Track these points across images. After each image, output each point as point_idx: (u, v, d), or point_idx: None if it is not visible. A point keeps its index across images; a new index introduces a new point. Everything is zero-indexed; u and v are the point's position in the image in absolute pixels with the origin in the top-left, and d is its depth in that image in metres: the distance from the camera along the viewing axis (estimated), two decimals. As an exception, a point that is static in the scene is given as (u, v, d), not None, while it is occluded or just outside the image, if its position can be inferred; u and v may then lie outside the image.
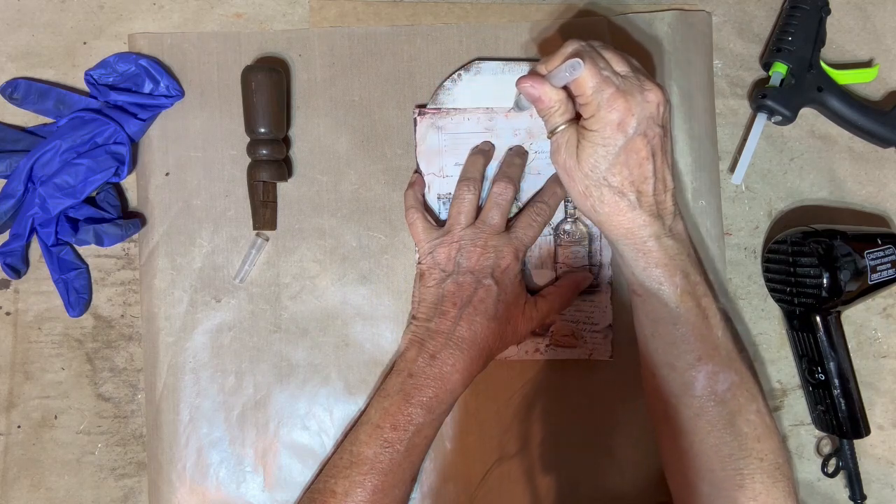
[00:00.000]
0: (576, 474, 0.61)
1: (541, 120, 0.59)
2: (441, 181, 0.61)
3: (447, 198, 0.61)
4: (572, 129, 0.53)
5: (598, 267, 0.61)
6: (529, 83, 0.52)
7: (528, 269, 0.61)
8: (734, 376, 0.52)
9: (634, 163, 0.51)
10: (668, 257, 0.52)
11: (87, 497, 0.60)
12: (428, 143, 0.61)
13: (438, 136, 0.61)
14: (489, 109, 0.61)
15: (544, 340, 0.61)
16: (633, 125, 0.50)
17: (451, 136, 0.61)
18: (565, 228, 0.61)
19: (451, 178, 0.61)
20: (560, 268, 0.61)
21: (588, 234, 0.61)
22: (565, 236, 0.61)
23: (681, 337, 0.53)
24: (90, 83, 0.59)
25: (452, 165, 0.61)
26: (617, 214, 0.52)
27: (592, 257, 0.61)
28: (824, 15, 0.62)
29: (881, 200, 0.65)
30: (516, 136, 0.61)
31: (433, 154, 0.61)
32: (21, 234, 0.58)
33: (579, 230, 0.61)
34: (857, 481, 0.61)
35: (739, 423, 0.52)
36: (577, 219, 0.61)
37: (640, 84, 0.50)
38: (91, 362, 0.61)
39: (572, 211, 0.61)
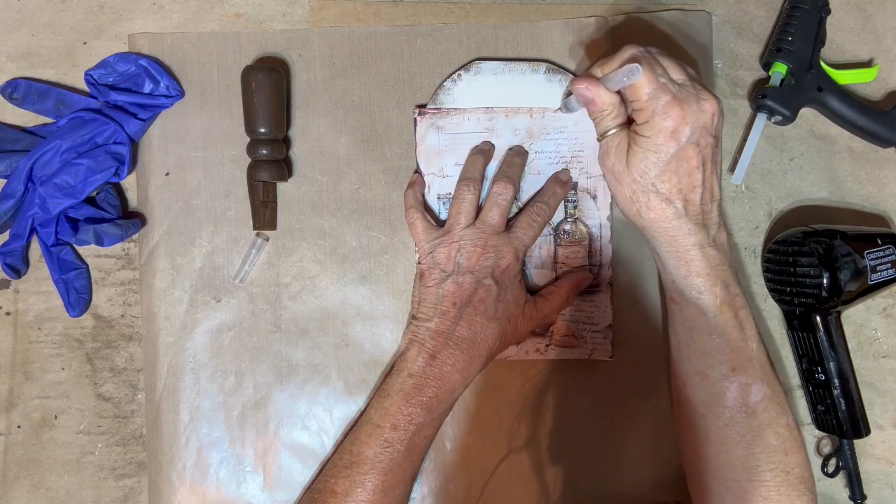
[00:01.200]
0: (576, 474, 0.61)
1: (541, 120, 0.59)
2: (441, 181, 0.61)
3: (447, 198, 0.61)
4: (623, 133, 0.53)
5: (597, 267, 0.61)
6: (584, 85, 0.53)
7: (528, 269, 0.61)
8: (766, 389, 0.52)
9: (684, 171, 0.51)
10: (710, 267, 0.52)
11: (87, 497, 0.60)
12: (428, 143, 0.61)
13: (438, 136, 0.61)
14: (489, 109, 0.61)
15: (544, 340, 0.61)
16: (686, 134, 0.50)
17: (451, 136, 0.61)
18: (565, 228, 0.61)
19: (451, 178, 0.61)
20: (560, 268, 0.61)
21: (588, 235, 0.61)
22: (565, 236, 0.61)
23: (716, 347, 0.53)
24: (90, 83, 0.59)
25: (452, 165, 0.61)
26: (662, 221, 0.52)
27: (592, 257, 0.61)
28: (824, 15, 0.62)
29: (881, 200, 0.65)
30: (516, 136, 0.61)
31: (433, 154, 0.61)
32: (21, 234, 0.58)
33: (579, 230, 0.61)
34: (857, 481, 0.61)
35: (768, 436, 0.52)
36: (577, 219, 0.61)
37: (697, 93, 0.51)
38: (91, 362, 0.61)
39: (573, 211, 0.61)
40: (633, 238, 0.62)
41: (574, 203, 0.61)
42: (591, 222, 0.61)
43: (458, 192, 0.58)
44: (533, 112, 0.61)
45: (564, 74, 0.62)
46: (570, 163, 0.61)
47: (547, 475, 0.61)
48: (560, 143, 0.61)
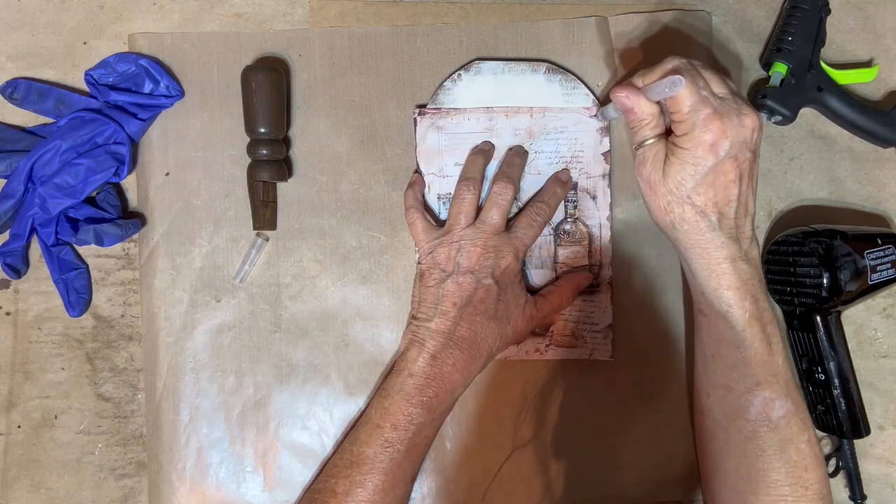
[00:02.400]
0: (577, 474, 0.61)
1: (540, 120, 0.59)
2: (441, 181, 0.61)
3: (447, 198, 0.61)
4: (661, 143, 0.53)
5: (597, 267, 0.61)
6: (624, 93, 0.52)
7: (528, 269, 0.61)
8: (790, 405, 0.52)
9: (721, 185, 0.51)
10: (741, 281, 0.52)
11: (87, 497, 0.60)
12: (428, 143, 0.61)
13: (438, 136, 0.61)
14: (489, 109, 0.61)
15: (544, 340, 0.61)
16: (725, 148, 0.49)
17: (451, 136, 0.61)
18: (565, 228, 0.61)
19: (451, 178, 0.61)
20: (560, 268, 0.61)
21: (588, 235, 0.61)
22: (565, 236, 0.61)
23: (742, 361, 0.52)
24: (90, 83, 0.59)
25: (452, 165, 0.61)
26: (696, 233, 0.52)
27: (592, 257, 0.61)
28: (824, 15, 0.62)
29: (881, 200, 0.65)
30: (516, 136, 0.61)
31: (433, 154, 0.61)
32: (21, 234, 0.58)
33: (579, 230, 0.61)
34: (857, 481, 0.61)
35: (790, 451, 0.52)
36: (577, 219, 0.61)
37: (738, 107, 0.51)
38: (91, 362, 0.61)
39: (573, 211, 0.61)
40: (633, 238, 0.62)
41: (574, 203, 0.61)
42: (591, 222, 0.61)
43: (457, 191, 0.58)
44: (533, 112, 0.61)
45: (564, 74, 0.62)
46: (569, 163, 0.61)
47: (549, 476, 0.61)
48: (560, 143, 0.61)
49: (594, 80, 0.62)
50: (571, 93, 0.62)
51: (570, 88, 0.62)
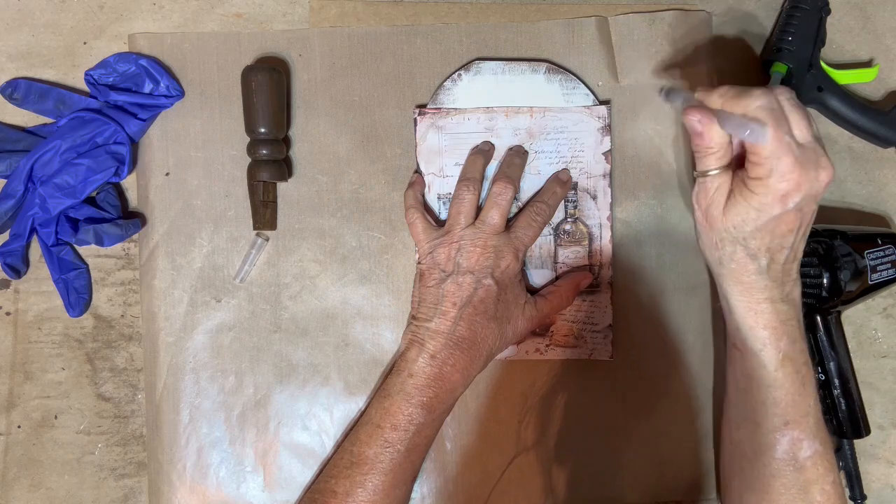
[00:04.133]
0: (579, 475, 0.61)
1: (541, 120, 0.59)
2: (441, 181, 0.61)
3: (447, 198, 0.61)
4: (726, 176, 0.51)
5: (598, 267, 0.61)
6: (698, 117, 0.49)
7: (528, 269, 0.61)
8: (818, 446, 0.52)
9: (780, 233, 0.50)
10: (779, 321, 0.52)
11: (87, 497, 0.60)
12: (428, 143, 0.61)
13: (438, 136, 0.61)
14: (489, 109, 0.61)
15: (544, 340, 0.61)
16: (796, 200, 0.48)
17: (452, 136, 0.61)
18: (565, 228, 0.61)
19: (452, 179, 0.61)
20: (560, 268, 0.61)
21: (588, 234, 0.61)
22: (565, 236, 0.61)
23: (772, 399, 0.52)
24: (90, 83, 0.59)
25: (452, 165, 0.61)
26: (742, 273, 0.52)
27: (592, 257, 0.61)
28: (824, 15, 0.62)
29: (881, 200, 0.65)
30: (516, 136, 0.61)
31: (433, 154, 0.61)
32: (21, 234, 0.58)
33: (579, 230, 0.61)
34: (857, 481, 0.61)
35: (814, 492, 0.52)
36: (577, 219, 0.61)
37: (817, 159, 0.48)
38: (91, 362, 0.61)
39: (573, 211, 0.61)
40: (634, 238, 0.62)
41: (574, 203, 0.61)
42: (592, 222, 0.61)
43: (457, 192, 0.58)
44: (533, 112, 0.61)
45: (565, 74, 0.62)
46: (570, 163, 0.61)
47: (551, 477, 0.61)
48: (560, 143, 0.61)
49: (594, 80, 0.62)
50: (571, 93, 0.62)
51: (570, 88, 0.62)
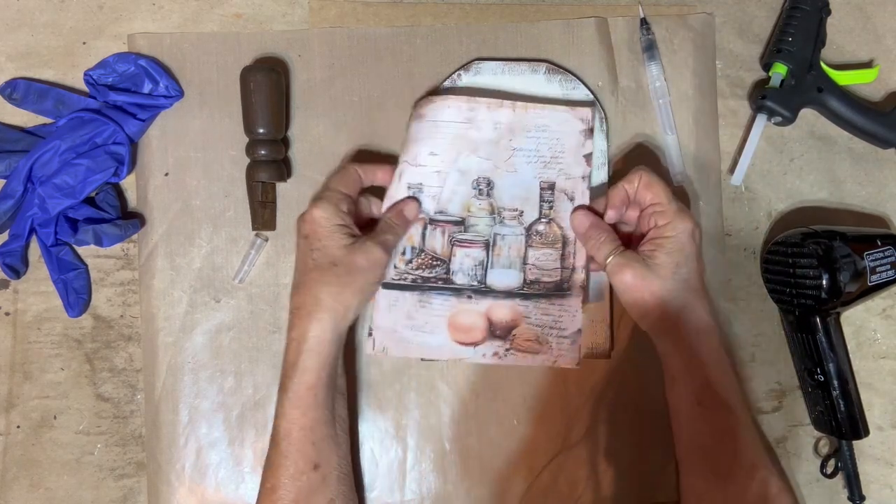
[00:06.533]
0: (576, 474, 0.61)
1: (523, 115, 0.59)
2: (413, 170, 0.59)
3: (418, 187, 0.59)
4: (628, 250, 0.56)
5: (570, 270, 0.60)
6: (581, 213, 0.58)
7: (493, 269, 0.60)
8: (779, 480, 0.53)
9: (702, 270, 0.55)
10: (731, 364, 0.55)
11: (87, 497, 0.60)
12: (409, 131, 0.60)
13: (417, 123, 0.59)
14: (472, 99, 0.59)
15: (504, 344, 0.60)
16: (697, 235, 0.55)
17: (431, 123, 0.59)
18: (538, 229, 0.60)
19: (424, 168, 0.59)
20: (530, 270, 0.60)
21: (562, 238, 0.60)
22: (538, 237, 0.60)
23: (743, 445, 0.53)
24: (89, 83, 0.59)
25: (427, 154, 0.59)
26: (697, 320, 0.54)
27: (565, 260, 0.60)
28: (824, 15, 0.62)
29: (881, 201, 0.65)
30: (496, 130, 0.59)
31: (410, 141, 0.59)
32: (20, 234, 0.58)
33: (553, 232, 0.60)
34: (855, 482, 0.61)
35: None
36: (551, 220, 0.60)
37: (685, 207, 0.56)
38: (90, 362, 0.61)
39: (547, 211, 0.60)
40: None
41: (550, 203, 0.60)
42: (567, 224, 0.60)
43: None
44: (516, 107, 0.59)
45: (564, 74, 0.61)
46: (549, 163, 0.60)
47: (544, 476, 0.61)
48: (540, 142, 0.60)
49: (594, 80, 0.62)
50: (571, 93, 0.61)
51: (569, 88, 0.62)
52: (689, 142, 0.63)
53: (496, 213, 0.60)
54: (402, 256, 0.60)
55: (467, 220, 0.60)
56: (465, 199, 0.60)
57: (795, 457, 0.63)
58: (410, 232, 0.60)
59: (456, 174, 0.59)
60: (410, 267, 0.60)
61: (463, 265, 0.60)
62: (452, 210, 0.60)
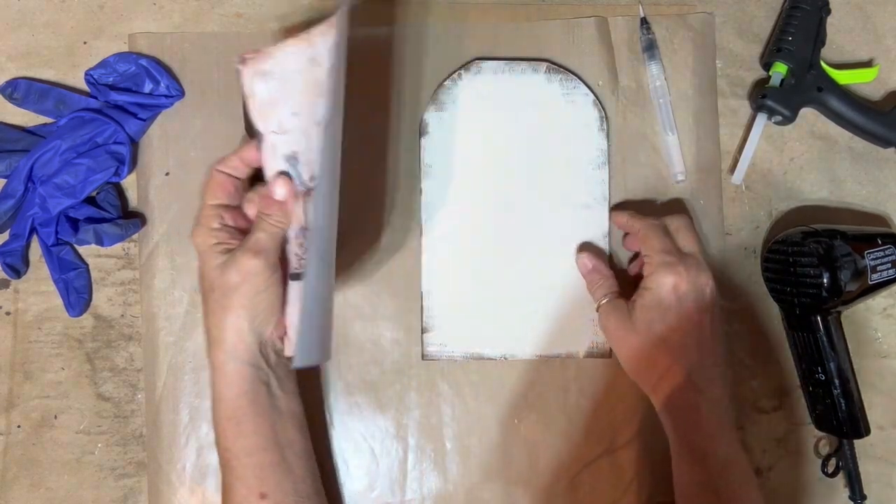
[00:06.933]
0: (579, 474, 0.61)
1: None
2: (283, 139, 0.52)
3: (293, 158, 0.52)
4: (621, 297, 0.57)
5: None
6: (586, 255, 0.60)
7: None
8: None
9: (686, 330, 0.54)
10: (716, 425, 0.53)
11: (87, 497, 0.60)
12: (258, 96, 0.52)
13: (266, 84, 0.51)
14: (307, 33, 0.51)
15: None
16: (683, 290, 0.54)
17: (279, 80, 0.51)
18: None
19: (293, 133, 0.52)
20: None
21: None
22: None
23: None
24: (90, 83, 0.59)
25: (290, 116, 0.52)
26: (672, 377, 0.53)
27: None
28: (824, 15, 0.62)
29: (881, 200, 0.65)
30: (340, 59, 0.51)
31: (267, 107, 0.52)
32: (21, 233, 0.58)
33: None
34: (856, 481, 0.61)
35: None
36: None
37: (698, 264, 0.55)
38: (91, 362, 0.61)
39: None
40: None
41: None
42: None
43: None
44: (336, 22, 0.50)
45: (565, 74, 0.62)
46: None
47: (542, 476, 0.61)
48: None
49: (594, 80, 0.62)
50: (572, 92, 0.62)
51: (570, 88, 0.62)
52: (689, 141, 0.63)
53: None
54: (297, 241, 0.53)
55: None
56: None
57: (796, 456, 0.63)
58: (297, 211, 0.52)
59: (317, 128, 0.51)
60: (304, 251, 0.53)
61: None
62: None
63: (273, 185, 0.52)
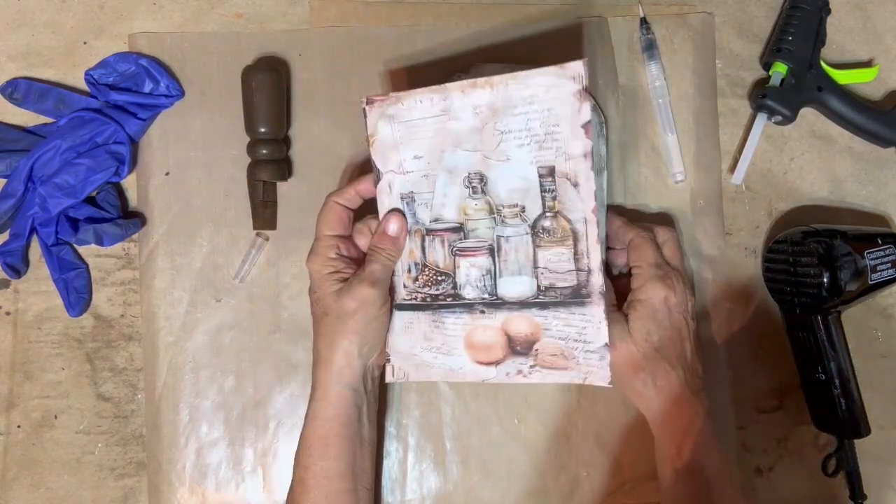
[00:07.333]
0: (578, 472, 0.61)
1: (504, 92, 0.51)
2: (402, 178, 0.54)
3: (411, 196, 0.54)
4: (616, 311, 0.55)
5: (585, 272, 0.52)
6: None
7: (502, 278, 0.53)
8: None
9: (678, 339, 0.54)
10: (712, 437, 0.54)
11: (87, 497, 0.60)
12: (381, 137, 0.54)
13: (391, 126, 0.53)
14: (443, 88, 0.52)
15: (528, 360, 0.53)
16: (674, 302, 0.54)
17: (405, 124, 0.53)
18: (544, 225, 0.52)
19: (414, 174, 0.54)
20: (542, 274, 0.53)
21: (572, 233, 0.51)
22: (545, 235, 0.52)
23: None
24: (90, 83, 0.60)
25: (412, 159, 0.54)
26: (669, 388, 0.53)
27: (579, 261, 0.52)
28: (824, 15, 0.62)
29: (881, 200, 0.65)
30: (477, 115, 0.52)
31: (388, 148, 0.54)
32: (21, 233, 0.58)
33: (561, 227, 0.52)
34: (857, 481, 0.61)
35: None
36: (557, 213, 0.52)
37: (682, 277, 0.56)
38: (91, 362, 0.61)
39: (551, 203, 0.51)
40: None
41: (552, 193, 0.51)
42: (575, 216, 0.51)
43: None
44: (494, 84, 0.51)
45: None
46: (544, 142, 0.51)
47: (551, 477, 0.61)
48: (530, 118, 0.51)
49: (594, 80, 0.62)
50: None
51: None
52: (689, 141, 0.63)
53: (495, 213, 0.53)
54: (408, 274, 0.56)
55: (466, 225, 0.54)
56: (460, 201, 0.54)
57: (796, 456, 0.63)
58: (410, 246, 0.55)
59: (444, 175, 0.53)
60: (417, 285, 0.55)
61: (469, 277, 0.54)
62: (448, 216, 0.54)
63: (387, 222, 0.55)
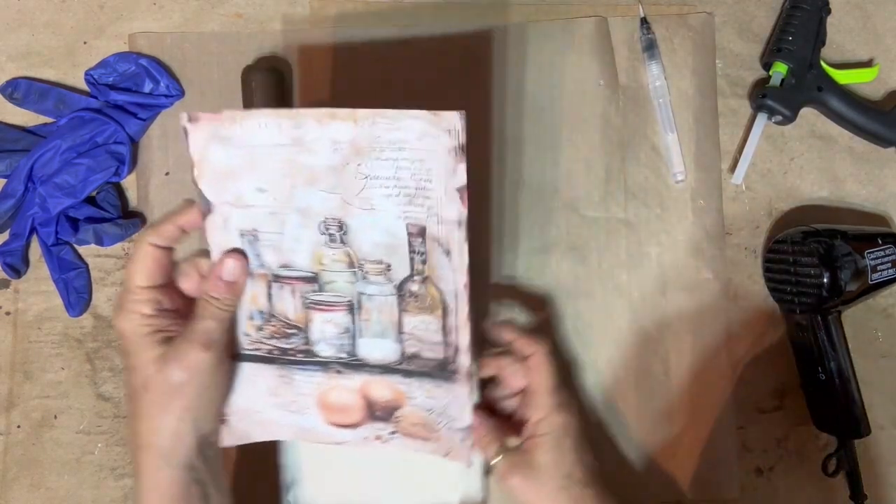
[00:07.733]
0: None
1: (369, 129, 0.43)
2: (241, 213, 0.45)
3: (252, 235, 0.46)
4: (513, 450, 0.50)
5: (453, 349, 0.47)
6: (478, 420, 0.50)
7: (361, 339, 0.48)
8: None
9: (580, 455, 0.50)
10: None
11: (87, 497, 0.60)
12: (212, 162, 0.44)
13: (226, 151, 0.44)
14: (295, 112, 0.44)
15: (388, 427, 0.49)
16: (572, 428, 0.50)
17: (245, 150, 0.44)
18: (412, 290, 0.46)
19: (257, 209, 0.45)
20: (407, 340, 0.47)
21: (442, 303, 0.46)
22: (413, 300, 0.46)
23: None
24: (90, 83, 0.60)
25: (254, 191, 0.45)
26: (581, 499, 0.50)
27: (448, 335, 0.47)
28: (824, 15, 0.62)
29: (881, 200, 0.65)
30: (337, 152, 0.44)
31: (223, 177, 0.45)
32: (21, 233, 0.58)
33: (430, 295, 0.46)
34: (857, 481, 0.61)
35: None
36: (426, 278, 0.46)
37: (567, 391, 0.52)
38: (91, 362, 0.61)
39: (420, 266, 0.45)
40: (636, 240, 0.61)
41: (423, 256, 0.45)
42: (446, 287, 0.45)
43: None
44: (357, 117, 0.43)
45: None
46: (414, 196, 0.44)
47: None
48: (400, 166, 0.43)
49: (594, 80, 0.62)
50: None
51: None
52: (689, 141, 0.63)
53: (357, 267, 0.46)
54: (250, 321, 0.47)
55: (321, 276, 0.46)
56: (314, 248, 0.46)
57: (796, 456, 0.63)
58: (254, 290, 0.47)
59: (295, 215, 0.45)
60: (262, 335, 0.48)
61: (325, 333, 0.47)
62: (300, 262, 0.46)
63: (223, 263, 0.45)
